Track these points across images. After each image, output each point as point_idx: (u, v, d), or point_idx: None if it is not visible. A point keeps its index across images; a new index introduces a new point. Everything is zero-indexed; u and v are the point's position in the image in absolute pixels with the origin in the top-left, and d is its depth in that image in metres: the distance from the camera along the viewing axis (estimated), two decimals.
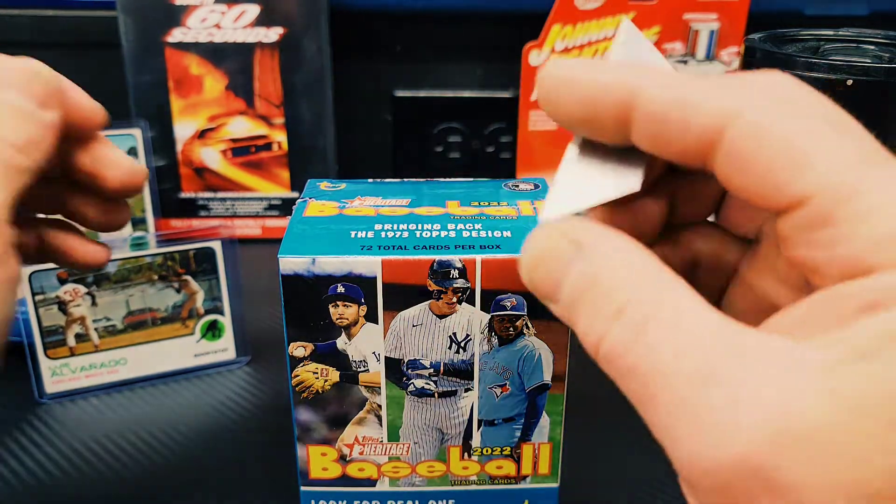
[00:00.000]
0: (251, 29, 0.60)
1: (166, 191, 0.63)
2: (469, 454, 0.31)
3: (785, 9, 0.65)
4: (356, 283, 0.28)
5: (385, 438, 0.31)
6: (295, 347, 0.29)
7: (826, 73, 0.31)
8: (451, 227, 0.29)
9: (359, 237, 0.28)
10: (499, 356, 0.29)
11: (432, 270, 0.28)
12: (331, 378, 0.29)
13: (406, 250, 0.28)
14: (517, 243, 0.28)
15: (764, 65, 0.33)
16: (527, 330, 0.29)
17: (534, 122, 0.66)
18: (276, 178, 0.64)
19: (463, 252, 0.28)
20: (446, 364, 0.29)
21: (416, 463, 0.31)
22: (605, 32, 0.63)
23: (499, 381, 0.30)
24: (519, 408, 0.30)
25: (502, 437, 0.31)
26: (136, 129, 0.58)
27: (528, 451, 0.31)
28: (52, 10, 0.64)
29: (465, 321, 0.28)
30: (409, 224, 0.30)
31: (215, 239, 0.45)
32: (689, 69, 0.63)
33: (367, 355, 0.29)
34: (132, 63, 0.61)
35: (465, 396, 0.30)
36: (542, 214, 0.22)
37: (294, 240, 0.28)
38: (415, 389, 0.30)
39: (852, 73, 0.30)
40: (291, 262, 0.27)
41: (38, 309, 0.43)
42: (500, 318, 0.28)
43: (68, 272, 0.42)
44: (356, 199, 0.32)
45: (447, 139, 0.68)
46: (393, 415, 0.30)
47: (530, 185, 0.34)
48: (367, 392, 0.30)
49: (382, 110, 0.68)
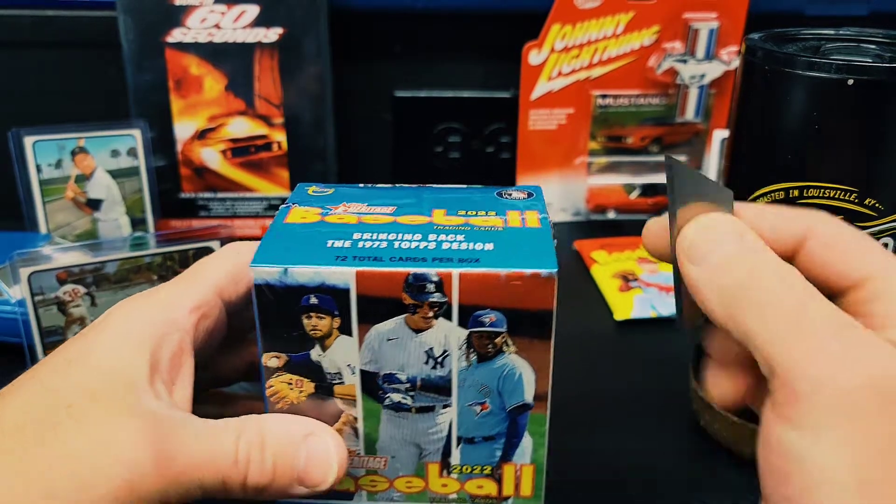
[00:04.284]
0: (251, 29, 0.60)
1: (166, 191, 0.63)
2: (448, 471, 0.30)
3: (785, 8, 0.65)
4: (329, 295, 0.27)
5: (362, 451, 0.30)
6: (269, 358, 0.28)
7: (827, 72, 0.31)
8: (433, 237, 0.28)
9: (335, 247, 0.27)
10: (478, 373, 0.28)
11: (407, 284, 0.26)
12: (305, 389, 0.29)
13: (381, 262, 0.27)
14: (497, 257, 0.27)
15: (764, 64, 0.33)
16: (507, 347, 0.27)
17: (534, 122, 0.66)
18: (275, 178, 0.64)
19: (440, 265, 0.26)
20: (423, 379, 0.28)
21: (394, 477, 0.30)
22: (605, 32, 0.63)
23: (478, 399, 0.29)
24: (499, 427, 0.29)
25: (482, 455, 0.30)
26: (136, 129, 0.58)
27: (509, 471, 0.30)
28: (52, 10, 0.64)
29: (442, 336, 0.27)
30: (388, 234, 0.28)
31: (215, 239, 0.45)
32: (689, 68, 0.63)
33: (342, 368, 0.28)
34: (132, 63, 0.61)
35: (444, 412, 0.29)
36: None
37: (268, 249, 0.27)
38: (391, 403, 0.29)
39: (853, 73, 0.30)
40: (264, 271, 0.27)
41: (37, 309, 0.42)
42: (478, 334, 0.27)
43: (67, 272, 0.42)
44: (341, 205, 0.31)
45: (447, 139, 0.68)
46: (369, 428, 0.29)
47: (524, 193, 0.32)
48: (343, 404, 0.29)
49: (382, 110, 0.68)
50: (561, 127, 0.66)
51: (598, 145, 0.67)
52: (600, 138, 0.67)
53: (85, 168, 0.58)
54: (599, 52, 0.64)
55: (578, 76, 0.65)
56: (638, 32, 0.63)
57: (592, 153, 0.68)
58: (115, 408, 0.26)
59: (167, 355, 0.28)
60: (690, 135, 0.67)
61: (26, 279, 0.42)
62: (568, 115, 0.66)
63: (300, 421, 0.28)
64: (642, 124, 0.67)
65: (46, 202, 0.57)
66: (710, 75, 0.64)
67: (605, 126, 0.67)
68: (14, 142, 0.56)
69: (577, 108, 0.66)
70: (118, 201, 0.59)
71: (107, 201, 0.59)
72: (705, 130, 0.67)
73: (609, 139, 0.67)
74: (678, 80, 0.64)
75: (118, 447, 0.25)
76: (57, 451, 0.24)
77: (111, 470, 0.24)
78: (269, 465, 0.27)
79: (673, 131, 0.67)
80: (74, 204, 0.58)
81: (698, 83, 0.64)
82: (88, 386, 0.26)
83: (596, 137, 0.67)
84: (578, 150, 0.67)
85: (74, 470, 0.24)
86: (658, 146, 0.67)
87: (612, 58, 0.64)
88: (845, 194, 0.32)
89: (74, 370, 0.27)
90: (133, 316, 0.28)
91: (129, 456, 0.25)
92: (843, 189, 0.32)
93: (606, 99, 0.66)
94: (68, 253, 0.43)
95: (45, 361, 0.28)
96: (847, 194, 0.32)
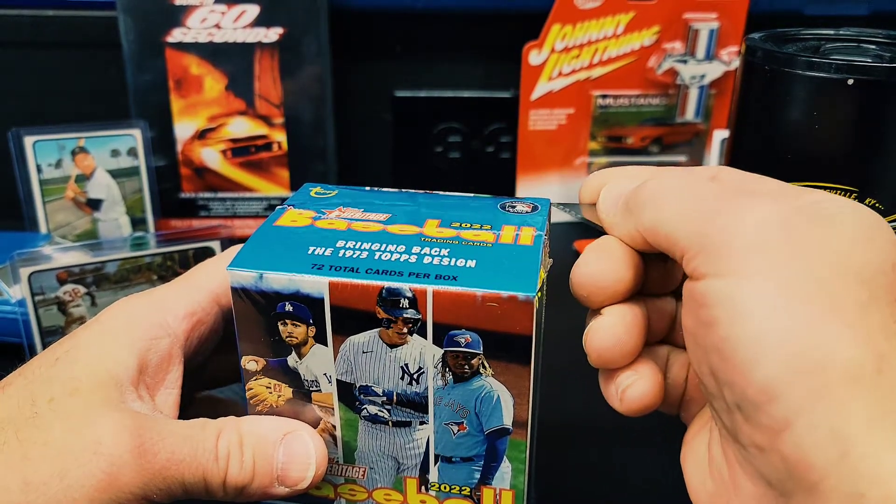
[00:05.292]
0: (251, 29, 0.60)
1: (166, 191, 0.63)
2: (426, 488, 0.29)
3: (785, 9, 0.65)
4: (304, 303, 0.26)
5: (341, 459, 0.30)
6: (247, 361, 0.28)
7: (827, 72, 0.31)
8: (416, 249, 0.27)
9: (315, 254, 0.27)
10: (454, 393, 0.27)
11: (381, 297, 0.26)
12: (284, 394, 0.28)
13: (357, 273, 0.26)
14: (477, 276, 0.26)
15: (764, 64, 0.33)
16: (483, 370, 0.26)
17: (534, 122, 0.66)
18: (275, 178, 0.64)
19: (415, 281, 0.25)
20: (399, 394, 0.28)
21: (372, 488, 0.30)
22: (605, 32, 0.63)
23: (455, 419, 0.28)
24: (478, 449, 0.28)
25: (461, 476, 0.29)
26: (136, 129, 0.58)
27: (489, 495, 0.29)
28: (52, 10, 0.64)
29: (417, 353, 0.27)
30: (372, 243, 0.28)
31: (215, 239, 0.45)
32: (689, 68, 0.63)
33: (319, 376, 0.28)
34: (132, 63, 0.61)
35: (421, 429, 0.28)
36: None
37: (249, 252, 0.27)
38: (368, 415, 0.28)
39: (853, 73, 0.30)
40: (240, 275, 0.26)
41: (37, 309, 0.42)
42: (453, 354, 0.26)
43: (68, 272, 0.42)
44: (336, 209, 0.30)
45: (447, 139, 0.68)
46: (348, 436, 0.29)
47: (529, 206, 0.31)
48: (321, 411, 0.29)
49: (382, 110, 0.68)
50: (561, 127, 0.66)
51: (598, 145, 0.67)
52: (600, 138, 0.67)
53: (85, 168, 0.58)
54: (600, 53, 0.64)
55: (578, 76, 0.65)
56: (638, 33, 0.63)
57: (592, 153, 0.68)
58: (97, 401, 0.26)
59: (155, 359, 0.28)
60: (690, 135, 0.67)
61: (26, 279, 0.42)
62: (568, 115, 0.66)
63: (279, 421, 0.29)
64: (642, 124, 0.67)
65: (46, 202, 0.57)
66: (711, 75, 0.64)
67: (606, 126, 0.67)
68: (14, 142, 0.56)
69: (578, 108, 0.66)
70: (118, 201, 0.59)
71: (107, 201, 0.59)
72: (705, 131, 0.67)
73: (609, 139, 0.67)
74: (678, 80, 0.64)
75: (98, 440, 0.25)
76: (36, 442, 0.24)
77: (91, 462, 0.24)
78: (248, 463, 0.27)
79: (673, 131, 0.67)
80: (74, 204, 0.58)
81: (698, 83, 0.64)
82: (72, 381, 0.26)
83: (596, 138, 0.67)
84: (578, 150, 0.67)
85: (54, 462, 0.24)
86: (658, 146, 0.67)
87: (612, 58, 0.64)
88: (845, 194, 0.32)
89: (61, 366, 0.27)
90: (126, 316, 0.28)
91: (109, 449, 0.25)
92: (843, 189, 0.32)
93: (607, 99, 0.66)
94: (68, 253, 0.43)
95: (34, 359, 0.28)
96: (847, 194, 0.32)
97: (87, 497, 0.24)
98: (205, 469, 0.26)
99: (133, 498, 0.25)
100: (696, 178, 0.24)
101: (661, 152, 0.67)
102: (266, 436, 0.28)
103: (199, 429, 0.27)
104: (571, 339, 0.31)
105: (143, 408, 0.27)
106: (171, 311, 0.29)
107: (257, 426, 0.28)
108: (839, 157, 0.32)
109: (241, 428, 0.28)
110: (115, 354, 0.27)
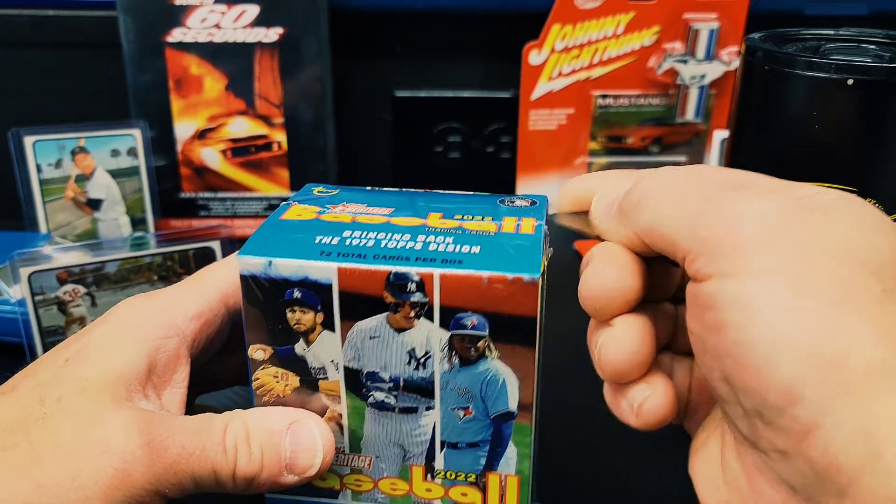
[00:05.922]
0: (251, 29, 0.60)
1: (166, 191, 0.63)
2: (432, 476, 0.30)
3: (785, 9, 0.65)
4: (312, 290, 0.27)
5: (347, 449, 0.30)
6: (254, 350, 0.28)
7: (827, 72, 0.31)
8: (421, 238, 0.28)
9: (322, 242, 0.27)
10: (460, 377, 0.28)
11: (388, 282, 0.26)
12: (291, 383, 0.29)
13: (364, 259, 0.26)
14: (482, 260, 0.26)
15: (764, 64, 0.33)
16: (489, 352, 0.27)
17: (534, 122, 0.66)
18: (275, 178, 0.64)
19: (422, 265, 0.26)
20: (405, 379, 0.28)
21: (378, 478, 0.30)
22: (605, 32, 0.63)
23: (461, 404, 0.28)
24: (483, 434, 0.28)
25: (466, 462, 0.29)
26: (136, 129, 0.58)
27: (494, 481, 0.29)
28: (52, 10, 0.64)
29: (424, 337, 0.27)
30: (378, 233, 0.28)
31: (215, 239, 0.45)
32: (689, 68, 0.63)
33: (326, 363, 0.28)
34: (132, 63, 0.61)
35: (427, 414, 0.28)
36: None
37: (257, 241, 0.28)
38: (375, 402, 0.29)
39: (853, 73, 0.30)
40: (249, 262, 0.27)
41: (37, 309, 0.42)
42: (460, 337, 0.27)
43: (68, 272, 0.42)
44: (340, 205, 0.31)
45: (447, 139, 0.68)
46: (354, 425, 0.29)
47: (527, 201, 0.32)
48: (328, 399, 0.29)
49: (382, 110, 0.68)
50: (561, 127, 0.66)
51: (598, 146, 0.67)
52: (600, 138, 0.67)
53: (85, 168, 0.58)
54: (600, 53, 0.64)
55: (579, 76, 0.65)
56: (638, 33, 0.63)
57: (592, 153, 0.68)
58: (106, 400, 0.26)
59: (164, 359, 0.28)
60: (691, 135, 0.67)
61: (26, 279, 0.42)
62: (568, 115, 0.66)
63: (284, 411, 0.29)
64: (642, 124, 0.67)
65: (46, 202, 0.57)
66: (711, 75, 0.64)
67: (606, 126, 0.67)
68: (14, 142, 0.56)
69: (578, 108, 0.66)
70: (118, 201, 0.59)
71: (107, 201, 0.59)
72: (705, 131, 0.67)
73: (609, 139, 0.67)
74: (678, 80, 0.64)
75: (108, 438, 0.25)
76: (47, 444, 0.24)
77: (102, 460, 0.24)
78: (256, 454, 0.27)
79: (673, 132, 0.67)
80: (74, 204, 0.58)
81: (698, 83, 0.64)
82: (81, 380, 0.26)
83: (596, 138, 0.67)
84: (579, 150, 0.68)
85: (65, 462, 0.24)
86: (658, 146, 0.67)
87: (612, 58, 0.64)
88: None
89: (70, 367, 0.27)
90: (135, 316, 0.29)
91: (120, 446, 0.25)
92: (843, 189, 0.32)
93: (607, 99, 0.66)
94: (68, 253, 0.43)
95: (42, 358, 0.28)
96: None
97: (100, 495, 0.24)
98: (214, 462, 0.26)
99: (146, 493, 0.25)
100: (687, 174, 0.24)
101: (661, 152, 0.67)
102: (272, 426, 0.28)
103: (207, 423, 0.27)
104: (571, 340, 0.31)
105: (150, 406, 0.27)
106: (180, 312, 0.29)
107: (263, 417, 0.28)
108: (839, 157, 0.32)
109: (248, 420, 0.28)
110: (124, 353, 0.27)
